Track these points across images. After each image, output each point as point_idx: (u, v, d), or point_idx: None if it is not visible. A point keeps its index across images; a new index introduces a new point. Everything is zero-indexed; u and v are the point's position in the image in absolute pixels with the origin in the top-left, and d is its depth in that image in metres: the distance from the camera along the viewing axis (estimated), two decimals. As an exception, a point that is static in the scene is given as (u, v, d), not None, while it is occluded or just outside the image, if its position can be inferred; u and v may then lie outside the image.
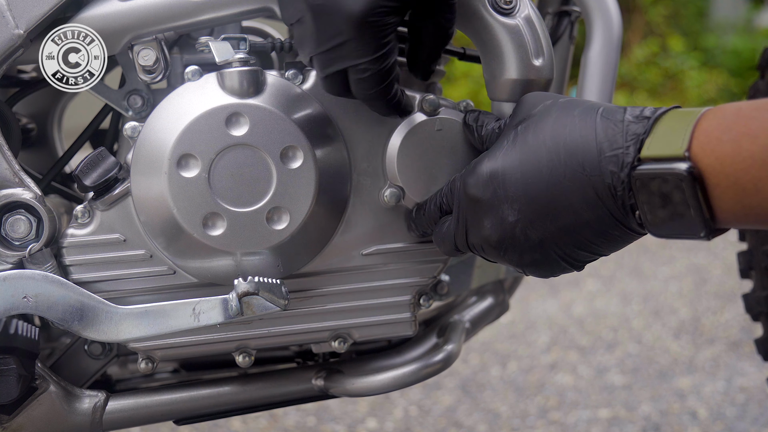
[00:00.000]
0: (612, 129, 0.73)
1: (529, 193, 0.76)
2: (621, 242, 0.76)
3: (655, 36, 6.55)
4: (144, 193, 0.87)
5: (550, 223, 0.76)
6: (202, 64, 0.90)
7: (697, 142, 0.68)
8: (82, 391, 0.96)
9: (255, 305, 0.85)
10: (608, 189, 0.72)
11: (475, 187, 0.80)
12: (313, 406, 2.06)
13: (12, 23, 0.87)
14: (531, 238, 0.77)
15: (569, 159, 0.74)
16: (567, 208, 0.74)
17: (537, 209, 0.76)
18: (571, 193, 0.74)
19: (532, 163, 0.76)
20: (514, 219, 0.77)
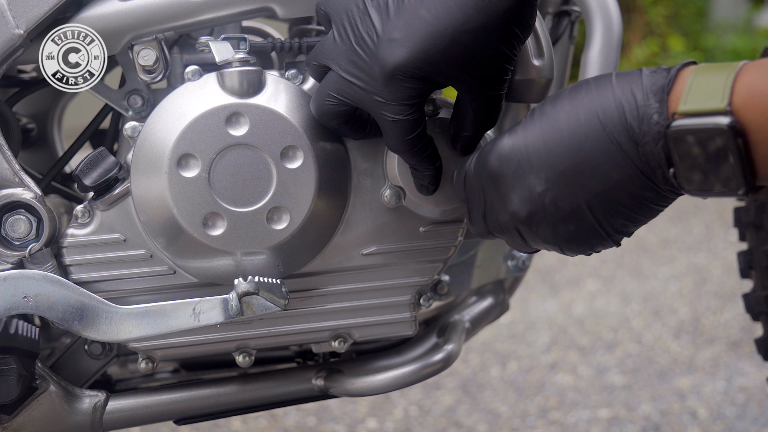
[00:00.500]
0: (629, 85, 0.71)
1: (553, 160, 0.74)
2: (654, 205, 0.73)
3: (655, 36, 6.55)
4: (144, 193, 0.87)
5: (579, 189, 0.73)
6: (202, 64, 0.91)
7: (739, 97, 0.66)
8: (82, 391, 0.96)
9: (255, 305, 0.85)
10: (633, 145, 0.70)
11: (498, 161, 0.77)
12: (313, 406, 2.06)
13: (12, 23, 0.87)
14: (562, 208, 0.75)
15: (589, 119, 0.72)
16: (594, 170, 0.72)
17: (564, 175, 0.74)
18: (595, 154, 0.72)
19: (553, 129, 0.74)
20: (541, 189, 0.75)
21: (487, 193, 0.80)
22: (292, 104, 0.88)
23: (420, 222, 0.93)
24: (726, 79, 0.67)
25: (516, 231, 0.79)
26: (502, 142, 0.77)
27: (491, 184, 0.78)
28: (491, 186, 0.79)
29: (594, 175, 0.72)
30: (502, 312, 1.20)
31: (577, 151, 0.73)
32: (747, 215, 1.29)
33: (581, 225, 0.75)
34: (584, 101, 0.73)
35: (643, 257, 3.16)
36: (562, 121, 0.74)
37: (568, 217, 0.75)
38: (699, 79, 0.69)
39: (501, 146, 0.77)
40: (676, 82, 0.70)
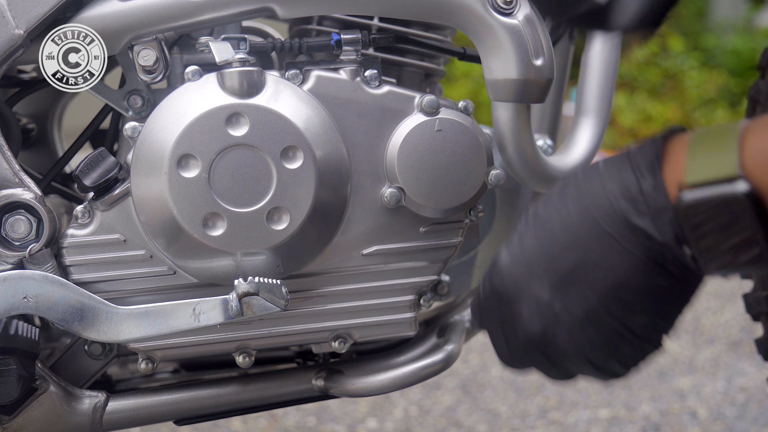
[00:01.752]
0: (617, 169, 0.67)
1: (553, 265, 0.69)
2: (671, 293, 0.67)
3: (655, 36, 6.54)
4: (144, 194, 0.87)
5: (588, 290, 0.68)
6: (202, 64, 0.90)
7: (751, 159, 0.62)
8: (82, 392, 0.96)
9: (255, 305, 0.85)
10: (631, 232, 0.65)
11: (500, 279, 0.72)
12: (313, 406, 2.06)
13: (12, 23, 0.87)
14: (575, 313, 0.69)
15: (581, 216, 0.68)
16: (596, 267, 0.67)
17: (567, 278, 0.69)
18: (594, 250, 0.67)
19: (548, 233, 0.69)
20: (548, 297, 0.69)
21: (501, 317, 0.74)
22: (292, 104, 0.88)
23: (420, 222, 0.93)
24: (730, 142, 0.63)
25: (538, 352, 0.72)
26: (500, 258, 0.73)
27: (502, 306, 0.73)
28: (502, 307, 0.73)
29: (597, 272, 0.67)
30: (502, 312, 1.20)
31: (575, 250, 0.68)
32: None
33: (601, 329, 0.69)
34: (573, 198, 0.69)
35: (643, 257, 3.16)
36: (555, 222, 0.69)
37: (584, 322, 0.69)
38: (700, 146, 0.65)
39: (501, 262, 0.73)
40: (667, 152, 0.66)
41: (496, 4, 0.88)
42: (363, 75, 0.92)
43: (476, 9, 0.88)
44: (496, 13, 0.88)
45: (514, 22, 0.88)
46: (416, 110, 0.92)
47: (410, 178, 0.90)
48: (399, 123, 0.91)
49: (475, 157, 0.91)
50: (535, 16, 0.89)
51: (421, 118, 0.91)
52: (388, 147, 0.91)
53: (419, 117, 0.91)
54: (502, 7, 0.88)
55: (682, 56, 6.35)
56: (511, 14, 0.88)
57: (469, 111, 0.94)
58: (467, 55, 1.03)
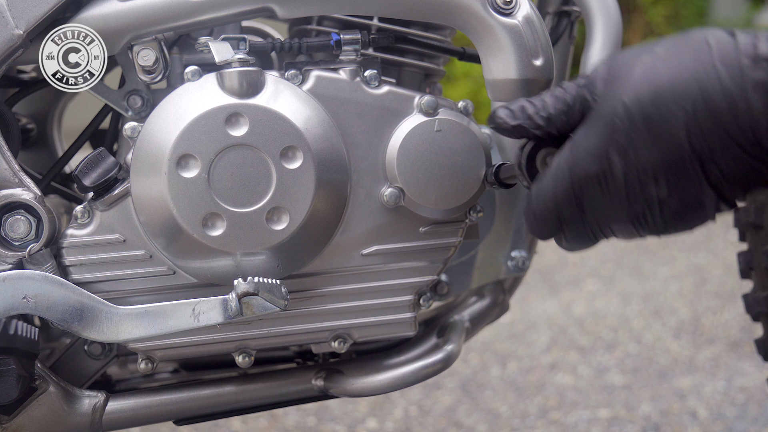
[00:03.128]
0: (734, 76, 0.66)
1: (670, 162, 0.69)
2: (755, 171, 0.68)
3: (655, 36, 6.55)
4: (144, 194, 0.87)
5: (699, 179, 0.69)
6: (202, 65, 0.90)
7: None
8: (81, 392, 0.96)
9: (255, 306, 0.85)
10: (750, 128, 0.65)
11: (595, 163, 0.72)
12: (313, 406, 2.06)
13: (12, 23, 0.87)
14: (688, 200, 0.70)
15: (703, 118, 0.67)
16: (713, 164, 0.68)
17: (684, 176, 0.69)
18: (713, 151, 0.67)
19: (662, 132, 0.69)
20: (664, 194, 0.70)
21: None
22: (292, 104, 0.88)
23: (420, 222, 0.93)
24: None
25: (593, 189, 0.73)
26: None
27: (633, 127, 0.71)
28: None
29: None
30: (502, 312, 1.20)
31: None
32: (747, 216, 1.29)
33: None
34: (688, 94, 0.68)
35: (643, 257, 3.16)
36: (668, 114, 0.68)
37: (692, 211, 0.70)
38: None
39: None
40: None
41: (496, 4, 0.88)
42: (362, 75, 0.92)
43: (476, 9, 0.88)
44: (495, 13, 0.88)
45: (514, 22, 0.88)
46: (416, 110, 0.92)
47: (410, 178, 0.90)
48: (398, 123, 0.91)
49: (474, 157, 0.91)
50: (535, 16, 0.89)
51: (420, 119, 0.91)
52: (388, 147, 0.91)
53: (419, 117, 0.91)
54: (501, 7, 0.88)
55: (682, 56, 6.33)
56: (510, 14, 0.88)
57: (468, 111, 0.94)
58: (467, 55, 1.03)
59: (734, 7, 7.33)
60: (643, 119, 0.69)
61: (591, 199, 0.73)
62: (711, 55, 0.68)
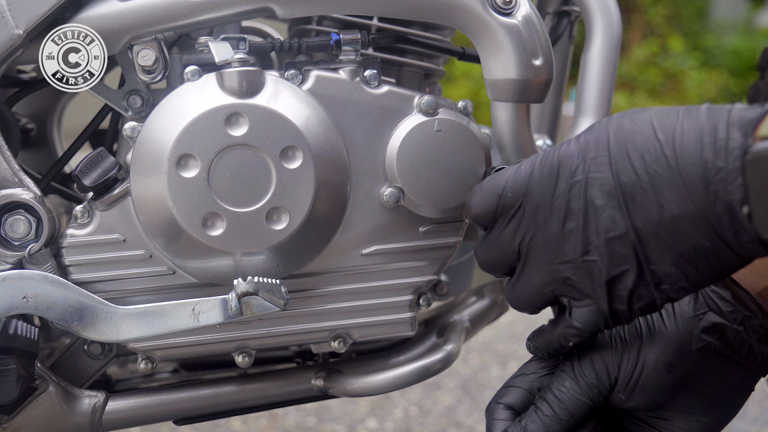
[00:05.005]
0: (715, 116, 0.64)
1: (618, 169, 0.67)
2: (710, 258, 0.65)
3: (655, 36, 6.55)
4: (143, 193, 0.87)
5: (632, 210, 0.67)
6: (202, 64, 0.90)
7: None
8: (81, 392, 0.96)
9: (254, 305, 0.85)
10: (703, 182, 0.63)
11: (549, 163, 0.71)
12: (313, 406, 2.06)
13: (11, 23, 0.87)
14: (617, 224, 0.67)
15: (665, 143, 0.65)
16: (652, 195, 0.66)
17: (623, 190, 0.67)
18: (659, 181, 0.65)
19: (625, 143, 0.68)
20: (601, 201, 0.68)
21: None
22: (292, 104, 0.88)
23: (419, 222, 0.93)
24: None
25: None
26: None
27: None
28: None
29: (651, 202, 0.66)
30: (502, 312, 1.20)
31: (644, 173, 0.66)
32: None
33: (627, 249, 0.68)
34: (667, 122, 0.67)
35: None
36: (649, 136, 0.67)
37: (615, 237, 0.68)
38: None
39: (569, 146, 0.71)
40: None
41: (496, 4, 0.88)
42: (362, 75, 0.92)
43: (475, 9, 0.88)
44: (495, 13, 0.88)
45: (514, 22, 0.88)
46: (415, 110, 0.92)
47: (409, 178, 0.90)
48: (398, 123, 0.91)
49: (474, 157, 0.91)
50: (535, 16, 0.89)
51: (420, 118, 0.91)
52: (388, 147, 0.91)
53: (418, 117, 0.91)
54: (501, 7, 0.88)
55: (682, 56, 6.36)
56: (510, 14, 0.88)
57: (468, 111, 0.94)
58: (467, 55, 1.03)
59: (734, 7, 7.33)
60: (615, 127, 0.69)
61: (538, 190, 0.73)
62: (702, 105, 0.67)
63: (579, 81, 1.12)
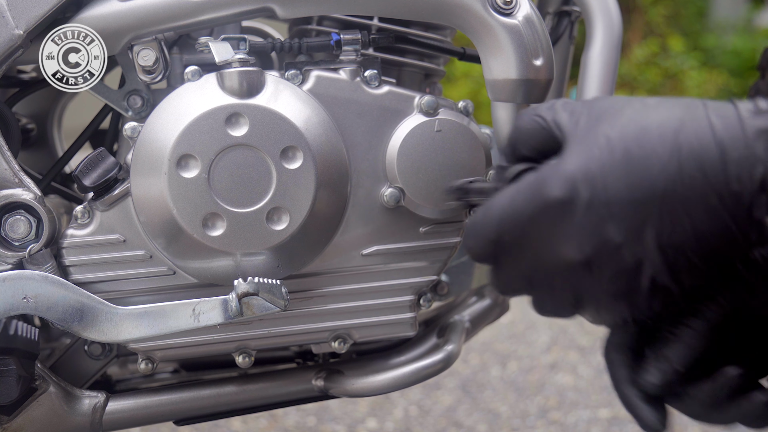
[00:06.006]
0: (730, 126, 0.62)
1: (635, 198, 0.63)
2: (733, 268, 0.63)
3: (655, 36, 6.55)
4: (144, 194, 0.87)
5: (655, 237, 0.63)
6: (202, 65, 0.90)
7: None
8: (82, 392, 0.96)
9: (255, 306, 0.85)
10: (734, 197, 0.60)
11: (560, 188, 0.65)
12: (313, 406, 2.06)
13: (12, 23, 0.87)
14: (635, 255, 0.64)
15: (686, 160, 0.62)
16: (680, 217, 0.62)
17: (643, 216, 0.63)
18: (687, 199, 0.62)
19: (638, 170, 0.63)
20: (619, 237, 0.64)
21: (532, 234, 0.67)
22: (292, 104, 0.88)
23: (420, 222, 0.93)
24: None
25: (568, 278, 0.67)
26: (565, 166, 0.65)
27: (548, 214, 0.66)
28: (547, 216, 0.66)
29: (678, 222, 0.62)
30: (502, 312, 1.20)
31: (666, 192, 0.62)
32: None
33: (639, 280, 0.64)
34: (680, 138, 0.63)
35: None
36: (652, 155, 0.63)
37: (632, 270, 0.64)
38: None
39: (564, 170, 0.65)
40: None
41: (496, 4, 0.88)
42: (363, 75, 0.92)
43: (476, 9, 0.88)
44: (495, 13, 0.88)
45: (514, 22, 0.88)
46: (416, 110, 0.92)
47: (410, 178, 0.90)
48: (398, 123, 0.91)
49: (474, 158, 0.91)
50: (535, 16, 0.89)
51: (420, 119, 0.91)
52: (388, 147, 0.91)
53: (419, 117, 0.91)
54: (501, 7, 0.88)
55: (682, 56, 6.35)
56: (510, 14, 0.88)
57: (468, 111, 0.94)
58: (467, 55, 1.03)
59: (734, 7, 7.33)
60: (622, 152, 0.64)
61: (543, 229, 0.66)
62: (705, 110, 0.64)
63: (579, 81, 1.12)
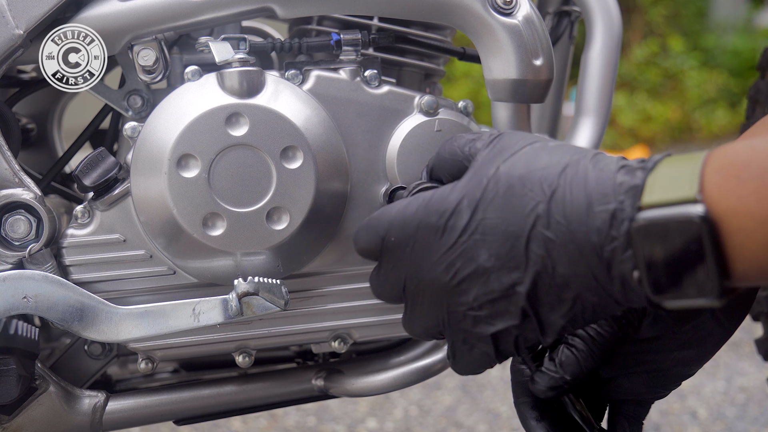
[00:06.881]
0: (603, 180, 0.65)
1: (508, 231, 0.67)
2: (596, 309, 0.67)
3: (655, 36, 6.55)
4: (144, 194, 0.87)
5: (522, 272, 0.67)
6: (202, 64, 0.90)
7: (711, 183, 0.60)
8: (82, 392, 0.96)
9: (255, 305, 0.85)
10: (594, 249, 0.64)
11: (445, 207, 0.71)
12: (313, 406, 2.06)
13: (12, 23, 0.87)
14: (504, 284, 0.68)
15: (555, 206, 0.66)
16: (546, 258, 0.66)
17: (511, 254, 0.67)
18: (551, 242, 0.66)
19: (515, 205, 0.67)
20: (489, 263, 0.68)
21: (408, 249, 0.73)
22: (292, 104, 0.88)
23: (420, 222, 0.93)
24: (693, 165, 0.61)
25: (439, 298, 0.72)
26: (450, 193, 0.71)
27: (424, 235, 0.72)
28: (424, 237, 0.72)
29: (540, 263, 0.66)
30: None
31: (531, 235, 0.67)
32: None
33: (514, 307, 0.69)
34: (554, 187, 0.66)
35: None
36: (526, 199, 0.67)
37: (501, 296, 0.69)
38: (666, 168, 0.63)
39: (448, 196, 0.71)
40: (651, 173, 0.64)
41: (496, 4, 0.88)
42: (363, 75, 0.92)
43: (476, 9, 0.88)
44: (495, 13, 0.88)
45: (514, 22, 0.88)
46: (416, 110, 0.92)
47: (410, 178, 0.90)
48: (398, 123, 0.91)
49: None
50: (535, 16, 0.89)
51: (420, 119, 0.91)
52: (388, 147, 0.91)
53: (419, 117, 0.91)
54: (501, 7, 0.88)
55: (682, 56, 6.35)
56: (510, 14, 0.88)
57: (468, 111, 0.94)
58: (467, 55, 1.03)
59: (734, 7, 7.33)
60: (506, 186, 0.68)
61: (425, 240, 0.71)
62: (590, 159, 0.67)
63: (579, 81, 1.12)
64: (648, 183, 0.63)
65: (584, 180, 0.65)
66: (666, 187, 0.61)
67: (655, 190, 0.62)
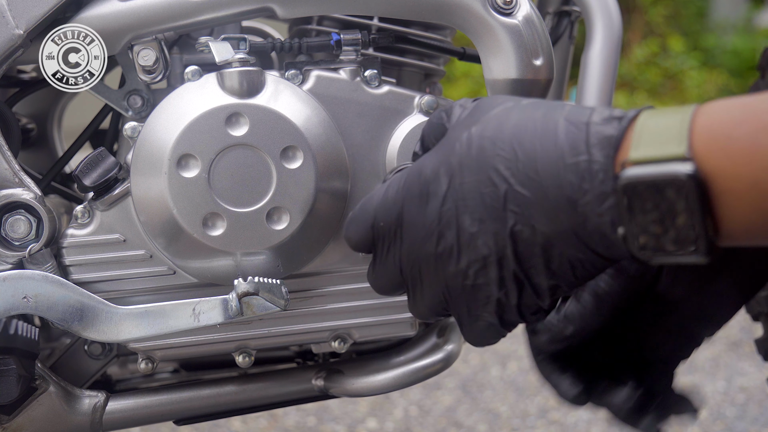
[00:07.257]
0: (574, 132, 0.63)
1: (484, 193, 0.66)
2: (585, 265, 0.65)
3: (655, 36, 6.55)
4: (144, 194, 0.87)
5: (505, 234, 0.66)
6: (202, 64, 0.90)
7: (700, 141, 0.58)
8: (82, 392, 0.96)
9: (255, 305, 0.85)
10: (568, 202, 0.62)
11: (417, 184, 0.70)
12: (313, 406, 2.06)
13: (12, 23, 0.87)
14: (492, 248, 0.67)
15: (524, 163, 0.64)
16: (525, 217, 0.65)
17: (492, 216, 0.66)
18: (527, 200, 0.64)
19: (488, 166, 0.66)
20: (473, 228, 0.67)
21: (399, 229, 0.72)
22: (292, 104, 0.88)
23: (420, 222, 0.93)
24: (681, 122, 0.59)
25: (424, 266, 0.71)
26: (426, 162, 0.70)
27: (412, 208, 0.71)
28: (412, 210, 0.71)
29: (522, 224, 0.65)
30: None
31: (507, 193, 0.65)
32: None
33: (507, 272, 0.67)
34: (525, 144, 0.65)
35: (643, 257, 3.16)
36: (498, 160, 0.66)
37: (492, 262, 0.67)
38: (652, 122, 0.61)
39: (425, 166, 0.70)
40: (628, 131, 0.61)
41: (496, 4, 0.88)
42: (363, 75, 0.92)
43: (476, 9, 0.88)
44: (495, 13, 0.88)
45: (514, 22, 0.88)
46: (416, 110, 0.92)
47: (410, 178, 0.90)
48: (399, 123, 0.91)
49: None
50: (535, 16, 0.89)
51: (420, 119, 0.91)
52: (388, 147, 0.91)
53: (419, 117, 0.91)
54: (501, 7, 0.88)
55: (682, 56, 6.36)
56: (510, 14, 0.88)
57: (468, 111, 0.94)
58: (467, 55, 1.03)
59: (734, 7, 7.33)
60: (477, 149, 0.67)
61: (411, 217, 0.70)
62: (562, 112, 0.66)
63: (579, 81, 1.12)
64: (634, 137, 0.61)
65: (554, 133, 0.64)
66: (652, 143, 0.60)
67: (641, 146, 0.60)
